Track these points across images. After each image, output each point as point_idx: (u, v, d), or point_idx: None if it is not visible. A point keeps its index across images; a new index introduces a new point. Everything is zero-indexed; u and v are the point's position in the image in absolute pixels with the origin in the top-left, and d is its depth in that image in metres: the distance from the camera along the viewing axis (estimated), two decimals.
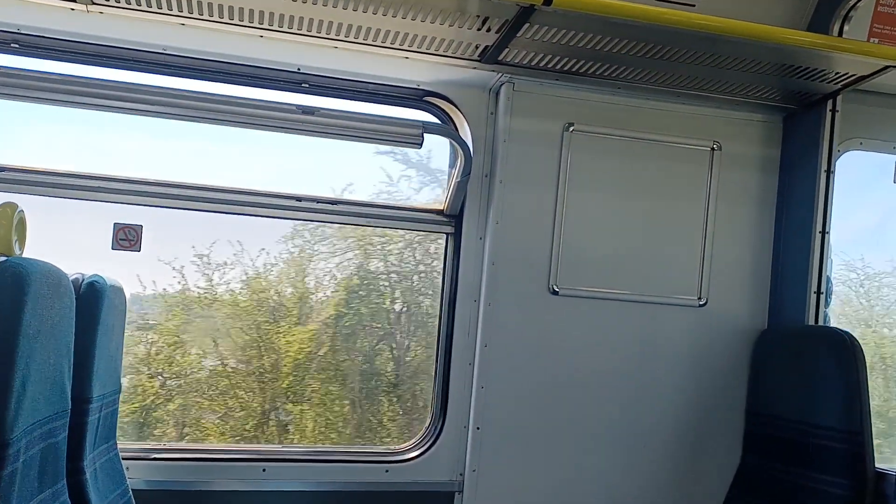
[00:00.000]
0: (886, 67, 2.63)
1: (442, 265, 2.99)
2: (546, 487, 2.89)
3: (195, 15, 2.46)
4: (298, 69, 2.79)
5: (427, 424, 2.93)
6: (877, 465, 2.45)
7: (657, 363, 2.98)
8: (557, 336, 2.90)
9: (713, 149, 3.04)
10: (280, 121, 2.59)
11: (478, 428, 2.83)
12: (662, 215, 3.01)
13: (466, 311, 2.90)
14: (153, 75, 2.72)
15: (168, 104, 2.55)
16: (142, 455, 2.69)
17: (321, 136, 2.66)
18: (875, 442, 2.49)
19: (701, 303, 3.01)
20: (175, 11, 2.44)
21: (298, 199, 2.84)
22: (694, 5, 2.77)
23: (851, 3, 2.76)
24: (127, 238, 2.73)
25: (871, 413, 2.49)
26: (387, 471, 2.83)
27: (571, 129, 2.91)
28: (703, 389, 3.02)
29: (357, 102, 2.91)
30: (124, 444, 2.56)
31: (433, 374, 2.97)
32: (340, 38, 2.58)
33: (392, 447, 2.97)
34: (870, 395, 2.50)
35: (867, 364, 2.53)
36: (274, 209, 2.84)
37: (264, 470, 2.75)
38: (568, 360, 2.92)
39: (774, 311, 3.04)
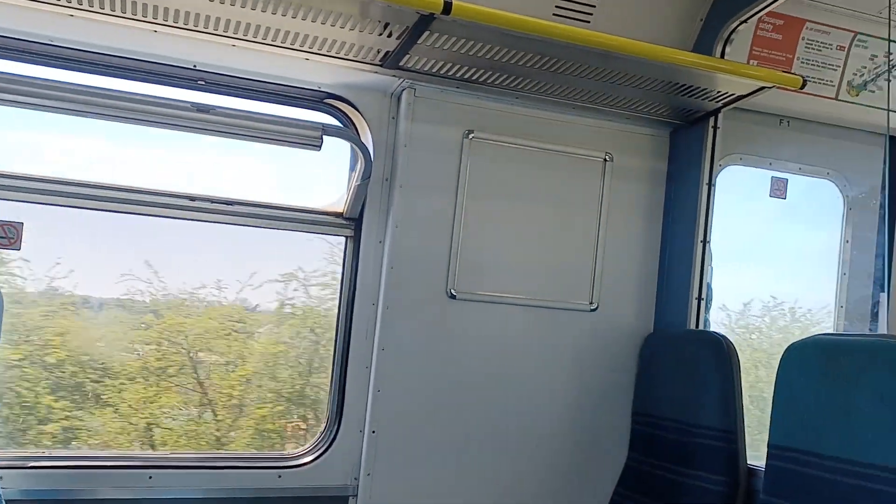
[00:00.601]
0: (762, 88, 2.81)
1: (341, 268, 2.98)
2: (440, 489, 2.92)
3: (85, 6, 2.37)
4: (194, 66, 2.73)
5: (322, 428, 2.92)
6: (749, 462, 2.61)
7: (550, 366, 3.07)
8: (454, 339, 2.95)
9: (605, 160, 3.16)
10: (173, 118, 2.51)
11: (373, 432, 2.84)
12: (557, 222, 3.11)
13: (365, 315, 2.90)
14: (39, 67, 2.60)
15: (54, 98, 2.43)
16: (18, 463, 2.55)
17: (216, 135, 2.61)
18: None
19: (592, 307, 3.13)
20: (63, 2, 2.34)
21: (192, 198, 2.77)
22: (589, 21, 2.88)
23: (733, 26, 2.93)
24: (6, 236, 2.59)
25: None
26: (279, 476, 2.79)
27: (471, 136, 2.97)
28: (594, 391, 3.13)
29: (256, 102, 2.87)
30: None
31: (329, 377, 2.95)
32: (238, 36, 2.54)
33: (285, 452, 2.94)
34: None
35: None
36: (165, 208, 2.76)
37: (150, 477, 2.66)
38: (464, 363, 2.96)
39: (660, 315, 3.18)
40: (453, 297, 2.93)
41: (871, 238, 3.45)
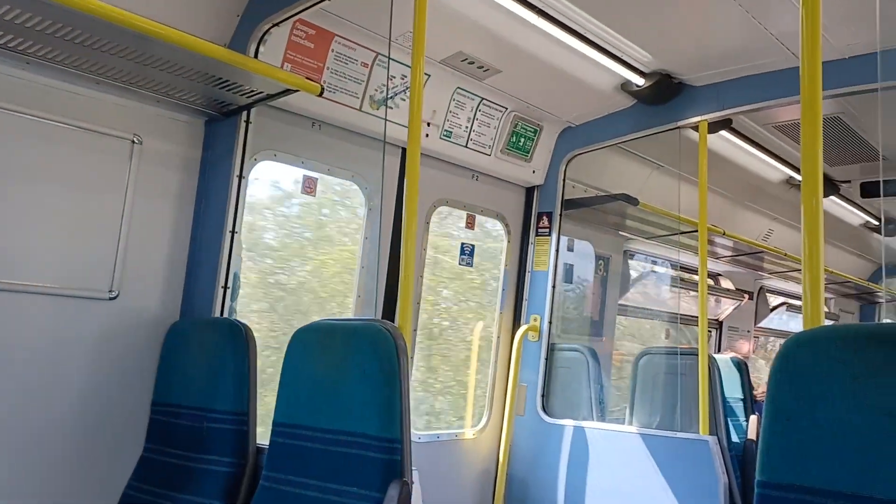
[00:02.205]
0: (287, 91, 3.00)
1: None
2: None
3: None
4: None
5: None
6: (258, 442, 2.76)
7: (59, 358, 2.85)
8: None
9: (134, 142, 3.04)
10: None
11: None
12: (74, 205, 2.89)
13: None
14: None
15: None
16: None
17: None
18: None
19: (112, 295, 2.98)
20: None
21: None
22: None
23: (266, 28, 3.07)
24: None
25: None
26: None
27: None
28: (112, 383, 2.99)
29: None
30: None
31: None
32: None
33: None
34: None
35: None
36: None
37: None
38: None
39: (187, 304, 3.18)
40: None
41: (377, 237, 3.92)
